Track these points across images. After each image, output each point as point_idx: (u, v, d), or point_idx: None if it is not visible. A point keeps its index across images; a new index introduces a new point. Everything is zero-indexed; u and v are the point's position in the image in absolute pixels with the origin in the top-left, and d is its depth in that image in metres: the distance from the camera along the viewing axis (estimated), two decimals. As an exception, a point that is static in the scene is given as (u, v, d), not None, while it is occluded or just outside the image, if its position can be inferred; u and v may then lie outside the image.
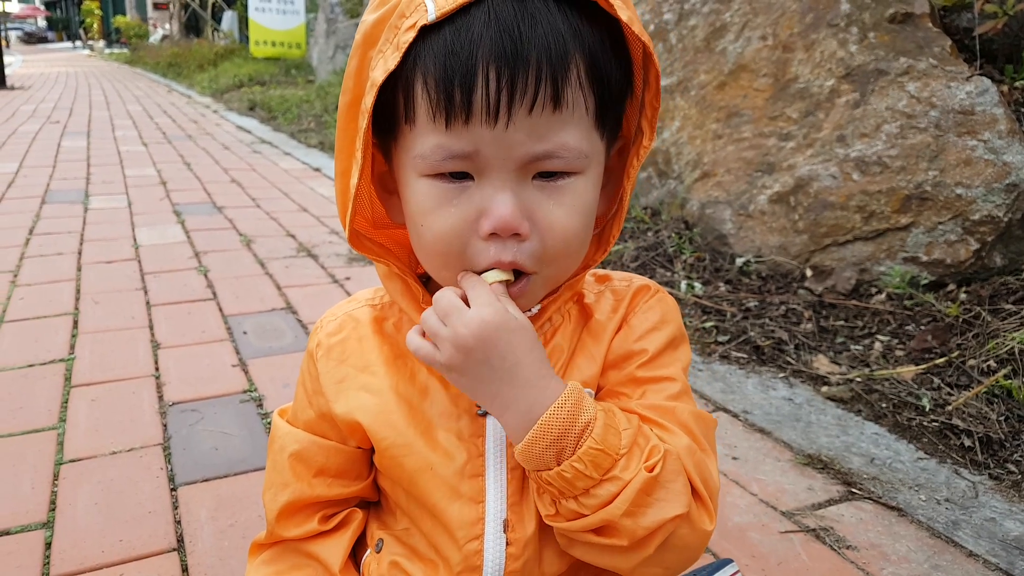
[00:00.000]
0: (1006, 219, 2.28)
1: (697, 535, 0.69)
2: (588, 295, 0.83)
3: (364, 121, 0.66)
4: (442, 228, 0.68)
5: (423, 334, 0.70)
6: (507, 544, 0.76)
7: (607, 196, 0.77)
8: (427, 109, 0.64)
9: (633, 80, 0.72)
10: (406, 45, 0.62)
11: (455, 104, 0.62)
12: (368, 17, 0.68)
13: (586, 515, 0.67)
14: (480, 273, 0.69)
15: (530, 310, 0.77)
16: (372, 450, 0.84)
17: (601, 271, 0.86)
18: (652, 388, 0.77)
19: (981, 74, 2.40)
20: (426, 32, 0.62)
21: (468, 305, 0.67)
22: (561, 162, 0.66)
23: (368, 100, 0.65)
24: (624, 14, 0.64)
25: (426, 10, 0.61)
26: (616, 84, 0.68)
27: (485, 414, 0.77)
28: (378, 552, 0.85)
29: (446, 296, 0.68)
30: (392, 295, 0.81)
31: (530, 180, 0.66)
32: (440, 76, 0.62)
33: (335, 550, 0.85)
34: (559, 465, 0.66)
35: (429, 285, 0.81)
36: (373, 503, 0.91)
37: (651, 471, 0.66)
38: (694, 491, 0.70)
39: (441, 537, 0.78)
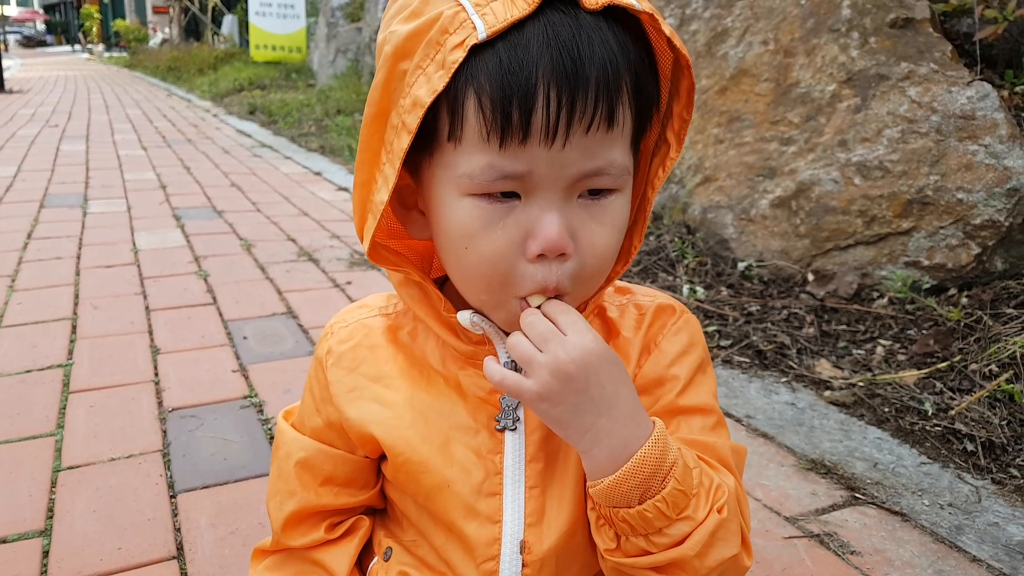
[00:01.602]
0: (1007, 223, 2.28)
1: (740, 573, 0.70)
2: (610, 308, 0.81)
3: (405, 141, 0.63)
4: (488, 250, 0.65)
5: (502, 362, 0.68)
6: (523, 566, 0.74)
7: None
8: (479, 128, 0.61)
9: (659, 92, 0.71)
10: (455, 65, 0.59)
11: (512, 124, 0.60)
12: (401, 28, 0.64)
13: (654, 553, 0.66)
14: (523, 298, 0.67)
15: None
16: (380, 459, 0.82)
17: (620, 283, 0.85)
18: (687, 420, 0.77)
19: (982, 79, 2.40)
20: (476, 50, 0.60)
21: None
22: (609, 179, 0.65)
23: (411, 120, 0.62)
24: (667, 29, 0.63)
25: (474, 27, 0.59)
26: (652, 98, 0.68)
27: (503, 429, 0.75)
28: (386, 561, 0.83)
29: (541, 321, 0.65)
30: (408, 303, 0.78)
31: (575, 198, 0.65)
32: (497, 95, 0.60)
33: (341, 558, 0.83)
34: (641, 504, 0.64)
35: (443, 289, 0.78)
36: (379, 510, 0.90)
37: (720, 512, 0.66)
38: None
39: (455, 553, 0.76)
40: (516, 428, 0.75)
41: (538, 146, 0.61)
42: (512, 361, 0.75)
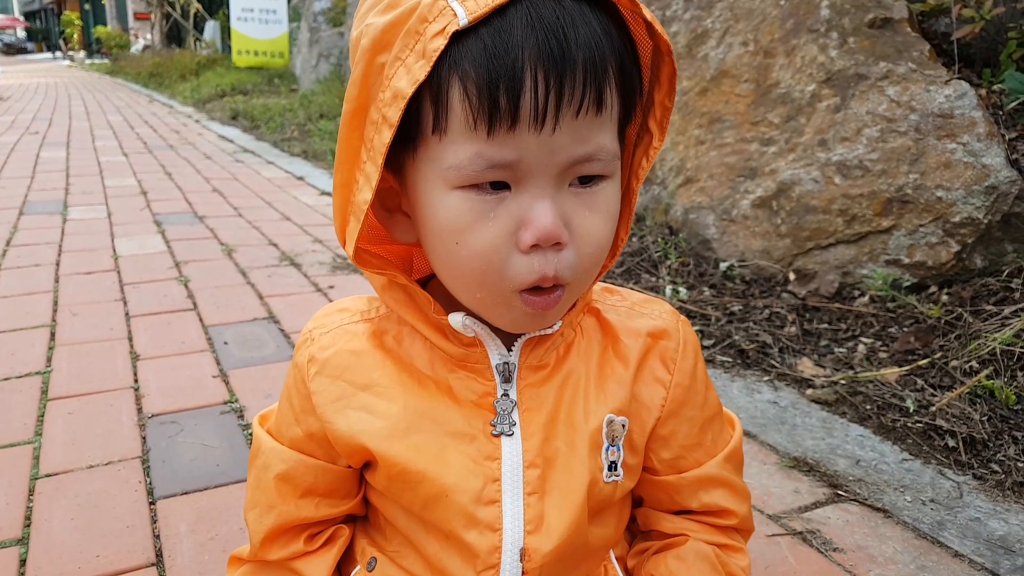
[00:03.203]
0: (986, 221, 2.29)
1: None
2: (605, 309, 0.81)
3: (387, 135, 0.60)
4: (480, 244, 0.63)
5: None
6: (523, 573, 0.73)
7: None
8: (465, 117, 0.59)
9: (641, 80, 0.70)
10: (436, 53, 0.57)
11: (500, 109, 0.58)
12: (377, 20, 0.62)
13: None
14: (524, 292, 0.65)
15: (552, 326, 0.74)
16: (363, 467, 0.80)
17: (603, 284, 0.84)
18: (711, 428, 0.84)
19: (959, 78, 2.42)
20: (457, 37, 0.58)
21: None
22: (600, 165, 0.63)
23: (392, 113, 0.60)
24: (647, 14, 0.62)
25: (454, 14, 0.57)
26: (636, 86, 0.67)
27: (500, 434, 0.73)
28: (371, 571, 0.81)
29: None
30: (393, 307, 0.76)
31: (567, 187, 0.63)
32: (483, 81, 0.57)
33: (320, 569, 0.81)
34: None
35: (427, 288, 0.76)
36: (360, 517, 0.88)
37: None
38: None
39: (452, 562, 0.75)
40: (513, 433, 0.73)
41: (527, 132, 0.59)
42: (504, 363, 0.74)
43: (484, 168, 0.60)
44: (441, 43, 0.57)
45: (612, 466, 0.76)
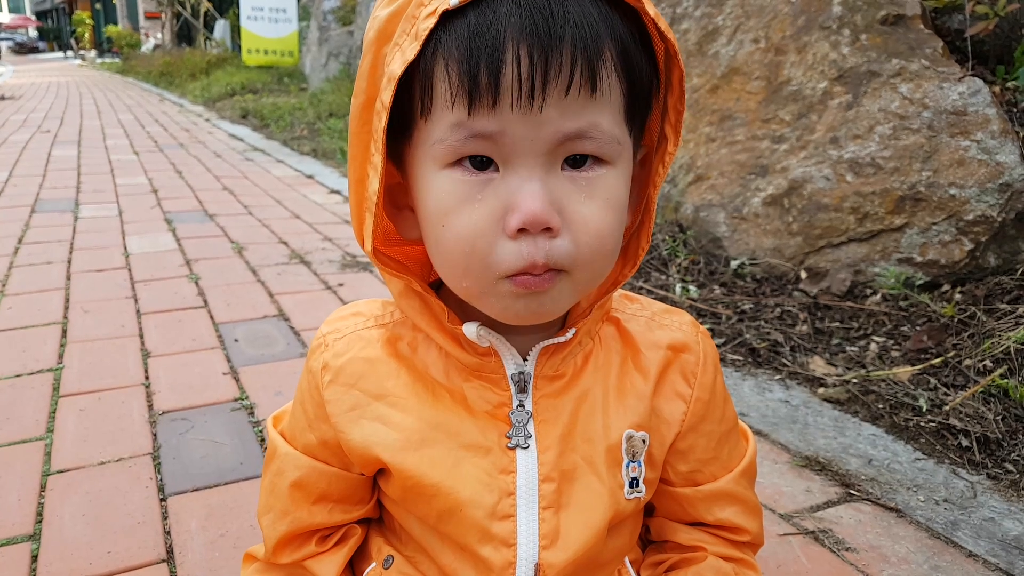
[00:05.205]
0: (999, 219, 2.28)
1: None
2: (626, 319, 0.79)
3: (382, 120, 0.60)
4: (465, 227, 0.60)
5: None
6: None
7: (630, 207, 0.71)
8: (447, 95, 0.58)
9: (659, 81, 0.68)
10: (426, 32, 0.57)
11: (480, 86, 0.56)
12: (381, 12, 0.63)
13: None
14: (511, 277, 0.61)
15: (565, 335, 0.72)
16: (377, 473, 0.80)
17: (623, 291, 0.82)
18: (727, 441, 0.83)
19: (973, 75, 2.40)
20: (448, 19, 0.57)
21: None
22: (593, 144, 0.60)
23: (386, 96, 0.59)
24: (651, 10, 0.61)
25: None
26: (646, 77, 0.64)
27: (516, 447, 0.72)
28: (387, 568, 0.81)
29: None
30: (409, 314, 0.74)
31: (559, 169, 0.61)
32: (463, 58, 0.56)
33: (331, 568, 0.81)
34: None
35: (440, 294, 0.75)
36: (374, 519, 0.87)
37: None
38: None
39: (467, 573, 0.74)
40: (528, 446, 0.72)
41: (512, 109, 0.57)
42: (519, 373, 0.73)
43: (465, 137, 0.59)
44: (431, 23, 0.57)
45: (634, 482, 0.75)
